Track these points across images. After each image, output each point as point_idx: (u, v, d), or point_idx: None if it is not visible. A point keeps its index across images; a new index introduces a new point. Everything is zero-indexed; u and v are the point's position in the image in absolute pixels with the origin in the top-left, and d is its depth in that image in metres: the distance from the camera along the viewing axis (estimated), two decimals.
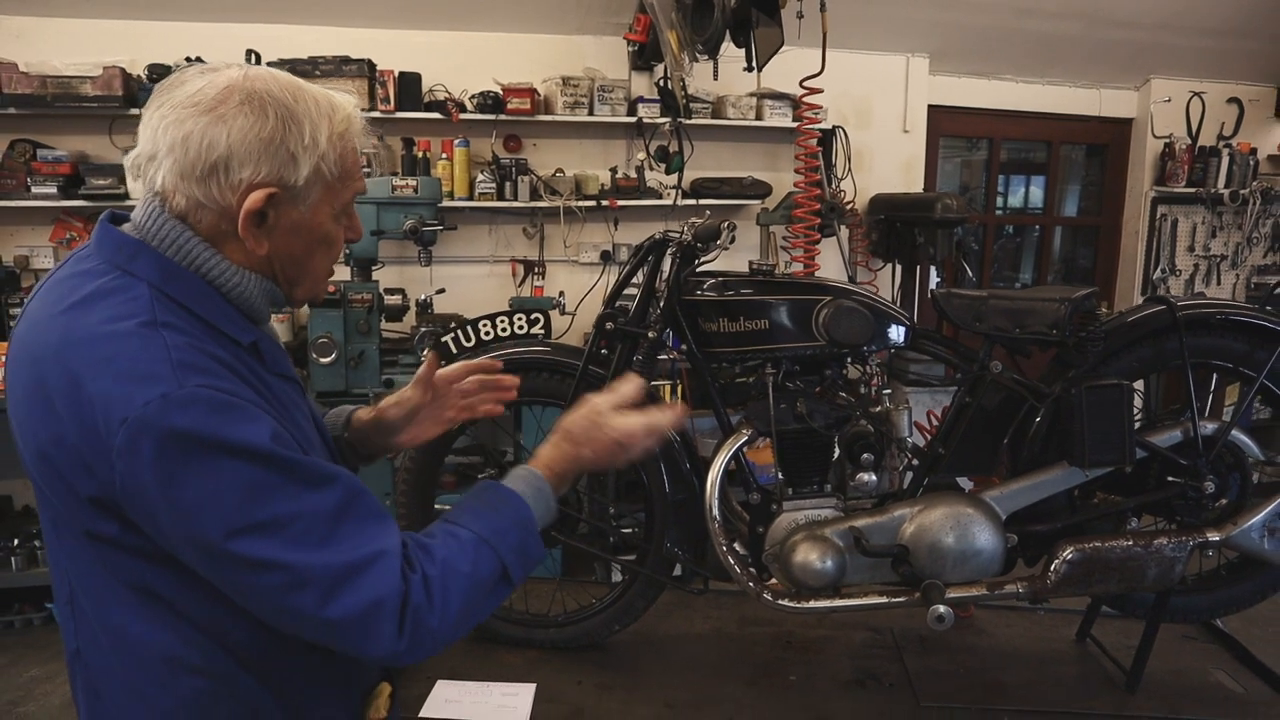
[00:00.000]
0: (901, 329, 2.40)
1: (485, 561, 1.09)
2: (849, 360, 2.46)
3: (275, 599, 0.98)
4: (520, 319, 3.39)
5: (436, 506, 2.73)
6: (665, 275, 2.42)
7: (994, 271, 6.03)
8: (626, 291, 2.52)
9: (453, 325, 3.55)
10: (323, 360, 3.71)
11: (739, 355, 2.38)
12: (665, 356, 2.70)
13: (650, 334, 2.39)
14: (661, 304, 2.41)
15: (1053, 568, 2.31)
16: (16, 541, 3.75)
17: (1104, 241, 6.00)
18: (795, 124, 4.59)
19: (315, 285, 1.18)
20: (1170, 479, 2.39)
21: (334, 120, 1.08)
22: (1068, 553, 2.30)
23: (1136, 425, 2.40)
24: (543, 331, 3.45)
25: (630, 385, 1.32)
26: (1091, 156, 6.05)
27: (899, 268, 5.00)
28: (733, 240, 2.25)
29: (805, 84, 4.07)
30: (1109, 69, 5.45)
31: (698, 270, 2.45)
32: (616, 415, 1.26)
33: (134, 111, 4.04)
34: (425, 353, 1.29)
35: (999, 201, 5.97)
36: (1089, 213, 6.11)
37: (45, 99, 3.99)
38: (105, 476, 0.96)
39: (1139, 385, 2.54)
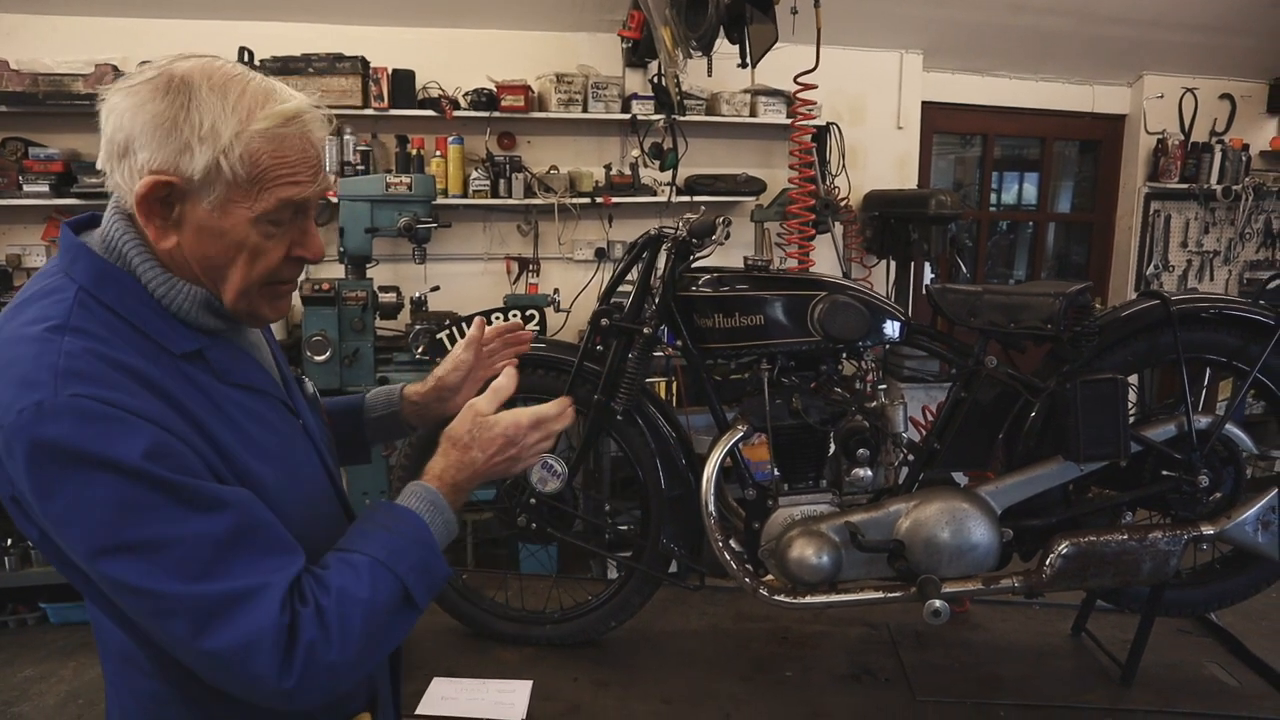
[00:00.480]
0: (896, 324, 2.40)
1: (384, 585, 1.03)
2: (844, 356, 2.45)
3: (150, 623, 0.95)
4: (516, 316, 3.39)
5: None
6: (660, 271, 2.42)
7: (988, 268, 6.04)
8: (621, 288, 2.52)
9: (447, 323, 3.55)
10: (317, 358, 3.70)
11: (734, 351, 2.38)
12: (660, 353, 2.71)
13: (646, 330, 2.39)
14: (657, 300, 2.40)
15: (1048, 562, 2.31)
16: (10, 541, 3.74)
17: (1097, 237, 6.02)
18: (789, 120, 4.60)
19: (245, 297, 1.07)
20: (1165, 473, 2.39)
21: (254, 114, 0.99)
22: (1063, 547, 2.30)
23: (1131, 419, 2.40)
24: (538, 329, 3.44)
25: (505, 379, 1.26)
26: (1085, 152, 6.07)
27: (893, 264, 5.01)
28: (728, 236, 2.24)
29: (800, 80, 4.08)
30: (1102, 65, 5.47)
31: (693, 266, 2.45)
32: (500, 413, 1.21)
33: None
34: (475, 319, 1.34)
35: (993, 198, 5.98)
36: (1082, 209, 6.13)
37: (37, 96, 3.98)
38: (4, 481, 0.95)
39: (1133, 380, 2.55)
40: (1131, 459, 2.36)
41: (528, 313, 3.48)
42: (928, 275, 5.24)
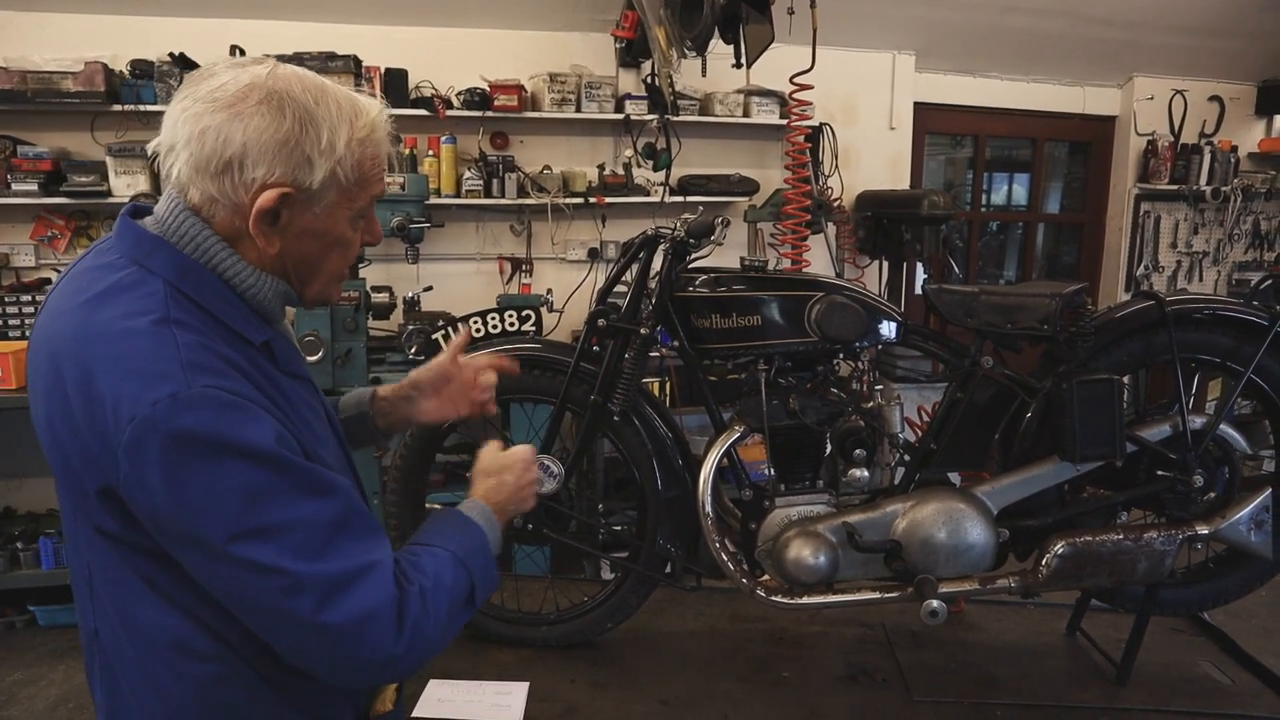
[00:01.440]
0: (893, 324, 2.40)
1: (462, 579, 1.14)
2: (840, 356, 2.46)
3: (271, 602, 0.99)
4: (511, 316, 3.38)
5: (427, 505, 2.71)
6: (657, 272, 2.42)
7: (979, 268, 6.06)
8: (617, 288, 2.52)
9: (441, 323, 3.54)
10: (310, 358, 3.68)
11: (731, 351, 2.38)
12: (656, 353, 2.70)
13: (642, 330, 2.39)
14: (653, 300, 2.40)
15: (1044, 562, 2.32)
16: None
17: (1088, 238, 6.04)
18: (783, 121, 4.60)
19: (327, 287, 1.18)
20: (1160, 473, 2.40)
21: (355, 125, 1.08)
22: (1059, 547, 2.31)
23: (1126, 419, 2.41)
24: (533, 329, 3.44)
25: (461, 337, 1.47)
26: (1075, 153, 6.10)
27: (886, 264, 5.01)
28: (725, 236, 2.24)
29: (795, 80, 4.08)
30: (1092, 66, 5.49)
31: (689, 267, 2.45)
32: (513, 453, 1.38)
33: (116, 108, 4.00)
34: (460, 327, 1.36)
35: (984, 198, 6.00)
36: (1073, 210, 6.15)
37: (25, 94, 3.93)
38: (110, 472, 0.97)
39: (1127, 380, 2.56)
40: (1127, 459, 2.37)
41: (523, 313, 3.47)
42: (920, 276, 5.25)
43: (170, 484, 0.95)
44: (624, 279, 2.50)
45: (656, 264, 2.43)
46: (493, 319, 3.45)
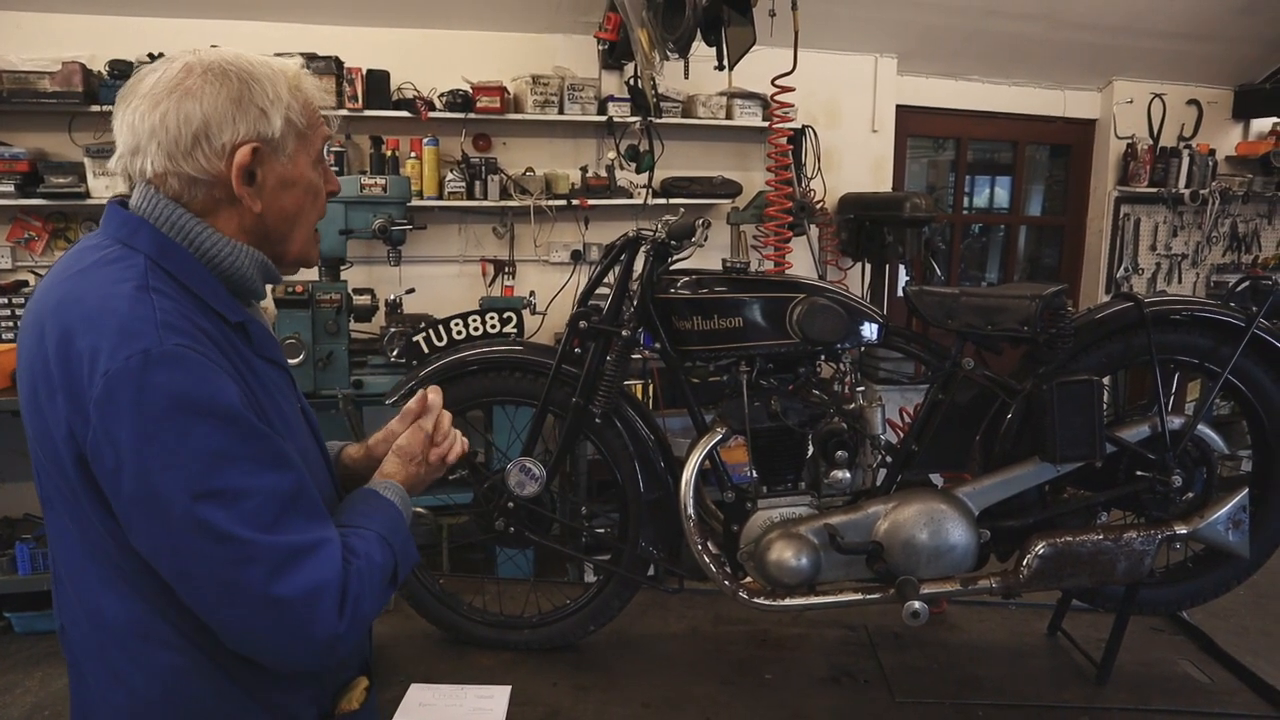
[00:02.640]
0: (875, 326, 2.41)
1: (389, 558, 1.16)
2: (822, 358, 2.46)
3: (223, 572, 1.00)
4: (492, 318, 3.36)
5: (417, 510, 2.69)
6: (638, 274, 2.41)
7: (961, 270, 6.10)
8: (599, 290, 2.51)
9: (423, 325, 3.52)
10: (290, 361, 3.65)
11: (713, 353, 2.37)
12: (638, 355, 2.69)
13: (624, 333, 2.38)
14: (635, 302, 2.40)
15: (1025, 562, 2.33)
16: None
17: (1068, 240, 6.09)
18: (765, 123, 4.61)
19: (306, 244, 1.23)
20: (1139, 473, 2.41)
21: (286, 75, 1.15)
22: (1040, 547, 2.32)
23: (1105, 420, 2.42)
24: (515, 331, 3.42)
25: (433, 395, 1.41)
26: (1056, 156, 6.14)
27: (868, 266, 5.03)
28: (706, 238, 2.24)
29: (777, 82, 4.09)
30: (1073, 70, 5.53)
31: (671, 269, 2.44)
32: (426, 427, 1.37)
33: (94, 108, 3.97)
34: (419, 391, 1.34)
35: (966, 201, 6.03)
36: (1054, 212, 6.19)
37: (1, 94, 3.89)
38: (81, 430, 1.00)
39: (1107, 381, 2.57)
40: (1106, 460, 2.38)
41: (504, 315, 3.45)
42: (902, 278, 5.28)
43: (137, 438, 0.97)
44: (606, 281, 2.50)
45: (638, 266, 2.43)
46: (474, 321, 3.42)
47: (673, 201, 4.64)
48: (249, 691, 1.14)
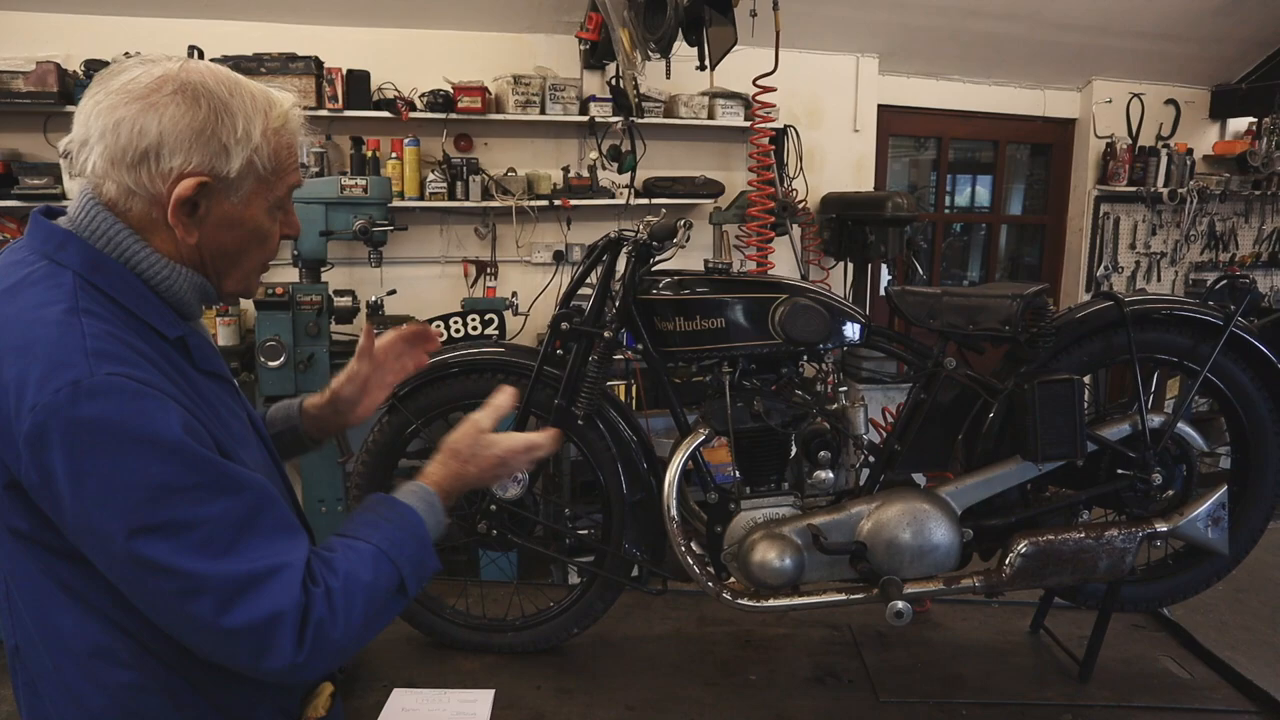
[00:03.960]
0: (857, 326, 2.40)
1: (385, 573, 1.11)
2: (805, 358, 2.45)
3: (172, 605, 0.98)
4: (474, 319, 3.35)
5: None
6: (620, 274, 2.40)
7: (943, 269, 6.13)
8: (581, 291, 2.50)
9: (404, 327, 3.49)
10: (271, 363, 3.63)
11: (695, 354, 2.36)
12: (620, 356, 2.68)
13: (606, 334, 2.37)
14: (617, 303, 2.38)
15: (1008, 561, 2.33)
16: None
17: (1049, 239, 6.13)
18: (748, 123, 4.61)
19: (246, 279, 1.18)
20: (1120, 471, 2.42)
21: (270, 115, 1.10)
22: (1022, 546, 2.32)
23: (1086, 419, 2.43)
24: (497, 332, 3.41)
25: (503, 396, 1.38)
26: (1036, 155, 6.18)
27: (851, 266, 5.04)
28: (688, 239, 2.23)
29: (758, 82, 4.09)
30: (1052, 70, 5.57)
31: (653, 269, 2.43)
32: (498, 434, 1.31)
33: (69, 109, 3.92)
34: (364, 328, 1.41)
35: (947, 200, 6.06)
36: (1035, 211, 6.23)
37: None
38: (14, 463, 0.96)
39: (1087, 380, 2.58)
40: (1087, 458, 2.39)
41: (486, 316, 3.44)
42: (885, 277, 5.29)
43: (71, 475, 0.93)
44: (589, 282, 2.48)
45: (621, 267, 2.42)
46: (455, 323, 3.40)
47: (655, 202, 4.64)
48: (212, 704, 1.12)
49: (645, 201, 4.66)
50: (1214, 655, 2.65)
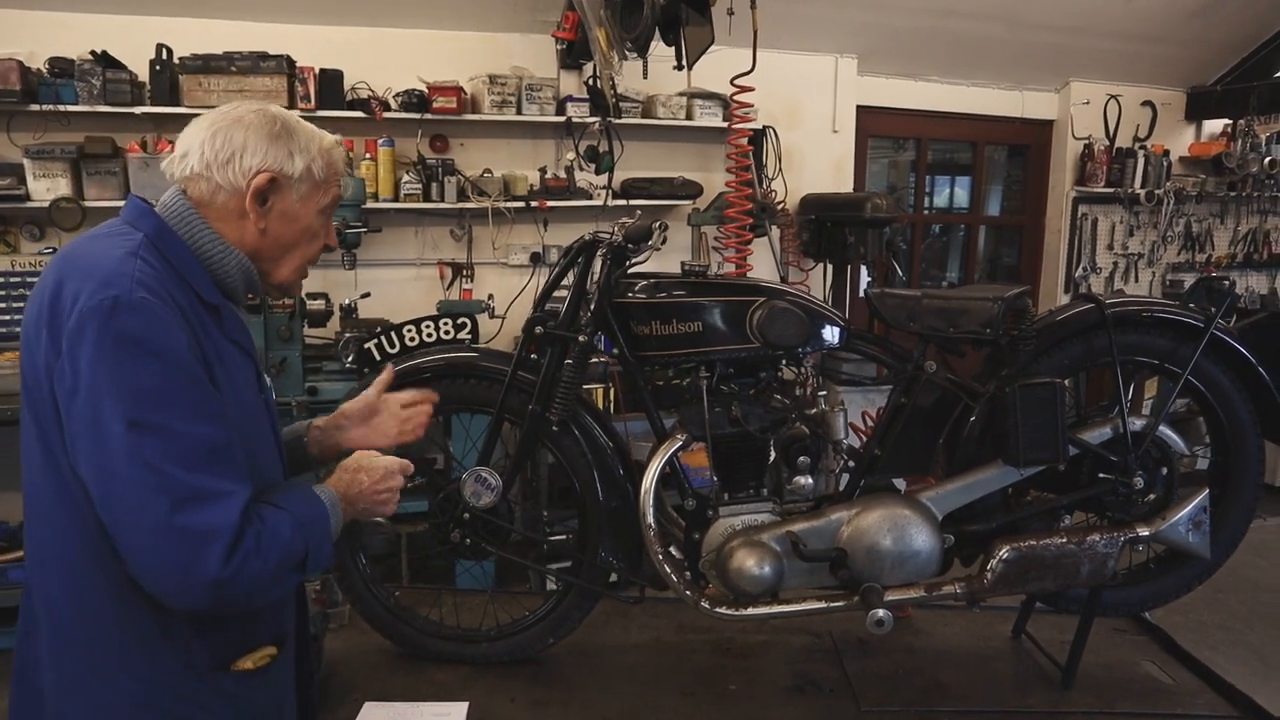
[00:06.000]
0: (836, 329, 2.36)
1: (297, 542, 1.30)
2: (784, 362, 2.41)
3: (137, 494, 1.16)
4: (446, 324, 3.29)
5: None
6: (595, 277, 2.35)
7: (922, 270, 6.12)
8: (557, 294, 2.45)
9: (378, 330, 3.44)
10: None
11: (672, 358, 2.32)
12: (597, 360, 2.63)
13: (581, 338, 2.32)
14: (592, 307, 2.33)
15: (989, 567, 2.30)
16: None
17: (1028, 240, 6.13)
18: (726, 124, 4.57)
19: (293, 273, 1.45)
20: (1101, 475, 2.40)
21: (324, 141, 1.42)
22: (1004, 552, 2.29)
23: (1068, 423, 2.41)
24: (469, 337, 3.35)
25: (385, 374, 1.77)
26: (1015, 156, 6.18)
27: (830, 267, 5.02)
28: (664, 241, 2.19)
29: (736, 82, 4.05)
30: (1030, 71, 5.57)
31: (629, 272, 2.39)
32: (379, 457, 1.55)
33: (34, 107, 3.83)
34: (385, 366, 1.77)
35: (927, 201, 6.05)
36: (1014, 212, 6.23)
37: None
38: (54, 359, 1.19)
39: (1068, 383, 2.56)
40: (1069, 462, 2.37)
41: (459, 320, 3.38)
42: (865, 279, 5.27)
43: (94, 363, 1.16)
44: (565, 284, 2.44)
45: (596, 270, 2.37)
46: (427, 327, 3.34)
47: (633, 203, 4.59)
48: (155, 619, 1.28)
49: (623, 203, 4.61)
50: (1196, 659, 2.64)
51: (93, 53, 3.92)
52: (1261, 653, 3.97)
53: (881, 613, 2.17)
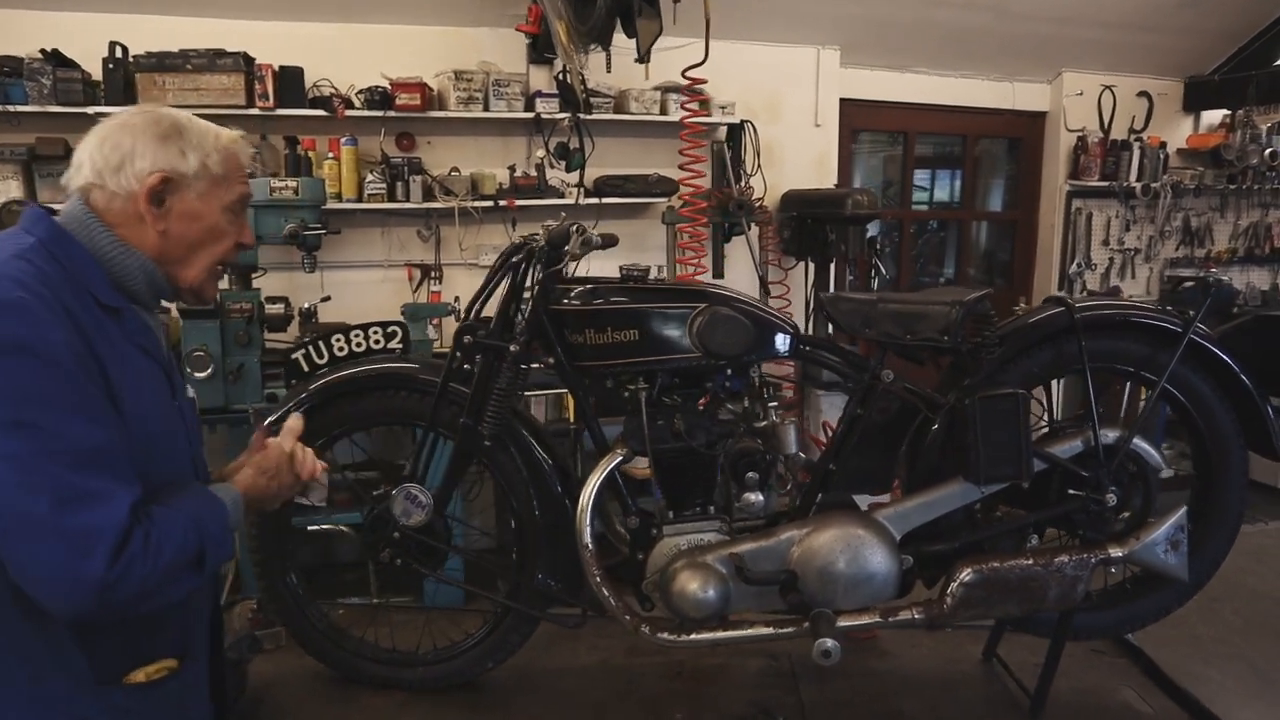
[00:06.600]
0: (785, 336, 2.22)
1: (191, 540, 1.26)
2: (729, 372, 2.26)
3: (12, 497, 1.13)
4: (376, 333, 3.14)
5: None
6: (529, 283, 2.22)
7: (918, 267, 5.96)
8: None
9: (305, 340, 3.30)
10: (198, 375, 3.43)
11: (609, 368, 2.18)
12: (538, 365, 2.47)
13: (513, 347, 2.18)
14: (527, 314, 2.20)
15: (949, 591, 2.16)
16: None
17: (1021, 235, 5.96)
18: (710, 118, 4.42)
19: (202, 274, 1.42)
20: (1071, 492, 2.25)
21: (220, 137, 1.40)
22: (965, 575, 2.15)
23: (1038, 434, 2.26)
24: (400, 346, 3.20)
25: (294, 421, 1.62)
26: (1007, 150, 6.00)
27: (812, 266, 4.85)
28: (591, 245, 2.05)
29: (688, 74, 3.88)
30: (1021, 62, 5.39)
31: (569, 277, 2.25)
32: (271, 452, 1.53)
33: None
34: (257, 424, 1.63)
35: (923, 196, 5.88)
36: (1010, 206, 6.06)
37: None
38: None
39: (1041, 391, 2.41)
40: (1039, 476, 2.22)
41: (389, 329, 3.23)
42: (850, 278, 5.11)
43: None
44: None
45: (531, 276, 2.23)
46: (356, 336, 3.20)
47: (606, 201, 4.45)
48: (35, 633, 1.24)
49: (596, 201, 4.46)
50: (1179, 686, 2.48)
51: (43, 51, 3.79)
52: (1258, 667, 3.79)
53: (830, 643, 2.03)
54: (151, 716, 1.34)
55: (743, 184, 4.62)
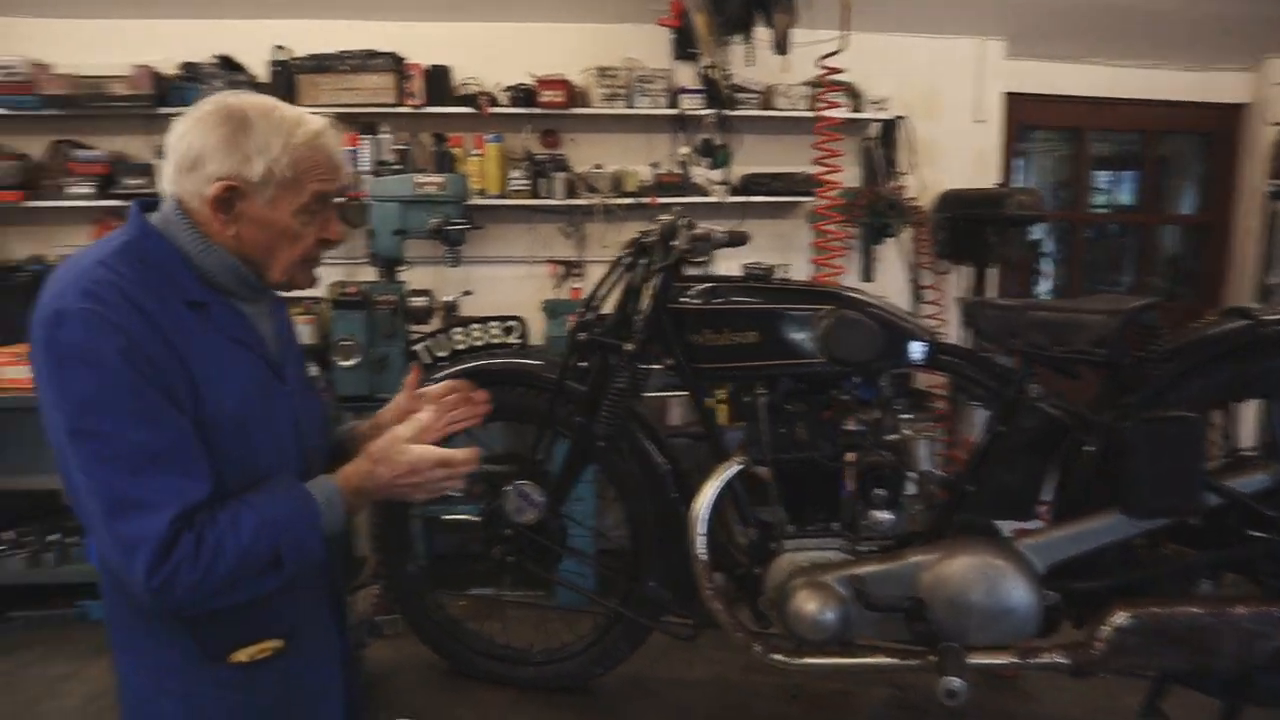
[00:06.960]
0: (920, 344, 2.05)
1: (264, 542, 1.24)
2: (857, 380, 2.11)
3: (83, 500, 1.19)
4: (495, 327, 3.14)
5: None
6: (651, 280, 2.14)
7: (1093, 275, 5.51)
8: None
9: (430, 333, 3.35)
10: (344, 363, 3.57)
11: (727, 372, 2.08)
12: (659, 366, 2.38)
13: (628, 346, 2.11)
14: (647, 312, 2.12)
15: (1100, 635, 1.92)
16: (55, 537, 3.72)
17: (1211, 241, 5.40)
18: (857, 114, 4.23)
19: (287, 272, 1.38)
20: (1253, 533, 1.96)
21: (294, 133, 1.31)
22: (1119, 618, 1.91)
23: (1215, 464, 1.99)
24: (520, 341, 3.18)
25: (427, 415, 1.45)
26: (1199, 147, 5.45)
27: (969, 272, 4.56)
28: (707, 241, 1.94)
29: (823, 63, 3.67)
30: (1215, 48, 4.87)
31: (690, 275, 2.16)
32: (412, 444, 1.39)
33: (163, 110, 3.99)
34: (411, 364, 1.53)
35: (1102, 198, 5.43)
36: (1200, 209, 5.50)
37: (78, 99, 3.97)
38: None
39: (1220, 415, 2.13)
40: (1213, 513, 1.95)
41: (507, 323, 3.23)
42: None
43: (42, 379, 1.20)
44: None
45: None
46: (476, 330, 3.21)
47: (752, 199, 4.33)
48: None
49: (742, 199, 4.35)
50: None
51: (215, 56, 4.04)
52: None
53: (956, 683, 1.85)
54: (260, 692, 1.36)
55: (895, 183, 4.39)
